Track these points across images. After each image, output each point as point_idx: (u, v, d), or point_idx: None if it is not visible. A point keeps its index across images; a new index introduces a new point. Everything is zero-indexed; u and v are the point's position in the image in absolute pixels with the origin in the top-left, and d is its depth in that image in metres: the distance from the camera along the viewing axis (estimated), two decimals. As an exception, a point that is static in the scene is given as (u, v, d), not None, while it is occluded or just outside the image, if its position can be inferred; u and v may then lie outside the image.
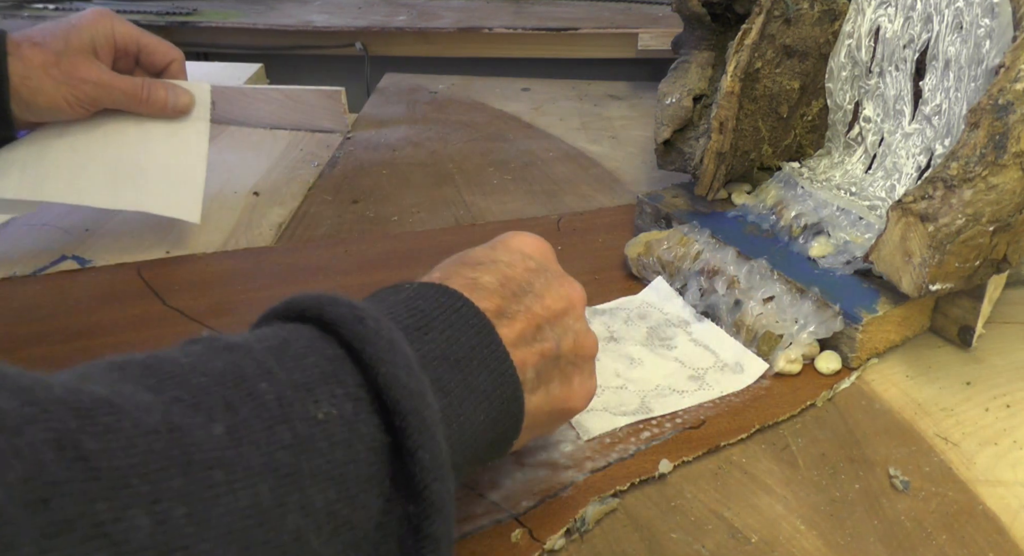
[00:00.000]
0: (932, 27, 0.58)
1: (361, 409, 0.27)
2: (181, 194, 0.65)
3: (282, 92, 0.91)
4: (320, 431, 0.26)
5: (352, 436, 0.27)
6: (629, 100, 1.03)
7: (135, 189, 0.65)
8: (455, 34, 1.12)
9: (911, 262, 0.48)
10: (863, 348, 0.51)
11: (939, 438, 0.47)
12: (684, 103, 0.65)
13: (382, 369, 0.28)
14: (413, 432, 0.27)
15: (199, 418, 0.24)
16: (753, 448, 0.46)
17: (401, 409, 0.27)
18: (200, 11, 1.20)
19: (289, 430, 0.25)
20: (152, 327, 0.56)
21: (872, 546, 0.40)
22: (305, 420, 0.26)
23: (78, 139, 0.65)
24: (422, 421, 0.27)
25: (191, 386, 0.25)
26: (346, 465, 0.26)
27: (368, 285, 0.62)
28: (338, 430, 0.26)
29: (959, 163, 0.47)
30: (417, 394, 0.28)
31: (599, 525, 0.41)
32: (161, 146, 0.66)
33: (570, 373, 0.38)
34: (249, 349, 0.27)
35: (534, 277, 0.38)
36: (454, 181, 0.80)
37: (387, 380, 0.27)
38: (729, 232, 0.60)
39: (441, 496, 0.27)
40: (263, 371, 0.26)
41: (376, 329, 0.28)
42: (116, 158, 0.65)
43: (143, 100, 0.65)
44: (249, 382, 0.26)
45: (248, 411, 0.25)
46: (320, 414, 0.26)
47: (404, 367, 0.28)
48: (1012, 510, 0.42)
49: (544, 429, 0.39)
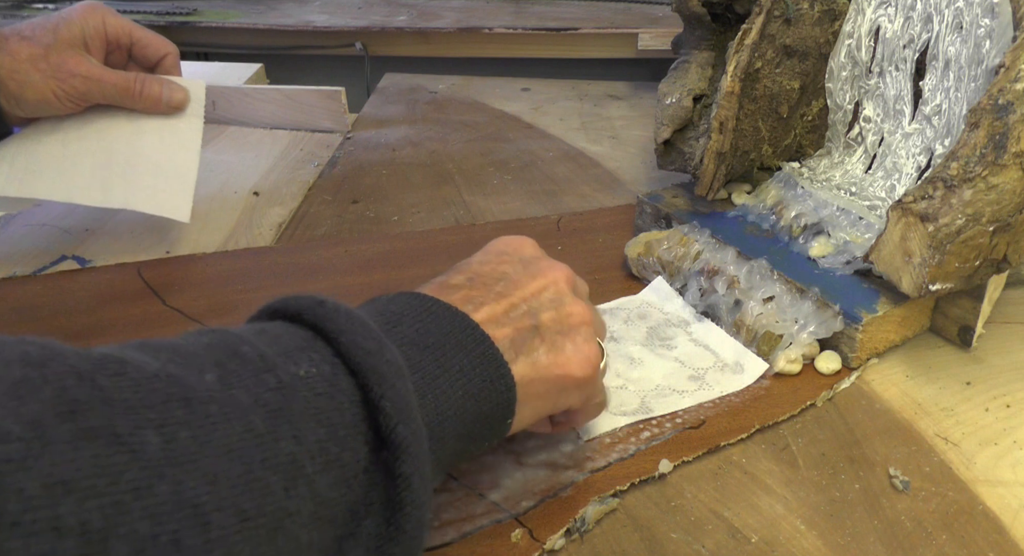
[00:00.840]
0: (932, 27, 0.58)
1: (338, 370, 0.30)
2: (172, 193, 0.64)
3: (282, 92, 0.91)
4: (303, 383, 0.29)
5: (333, 389, 0.29)
6: (629, 100, 1.03)
7: (126, 187, 0.63)
8: (455, 34, 1.12)
9: (911, 262, 0.48)
10: (863, 348, 0.51)
11: (939, 438, 0.47)
12: (684, 103, 0.65)
13: (343, 338, 0.30)
14: (374, 385, 0.30)
15: (192, 371, 0.27)
16: (753, 448, 0.46)
17: (362, 367, 0.30)
18: (200, 11, 1.20)
19: (274, 378, 0.28)
20: (152, 327, 0.56)
21: (872, 546, 0.40)
22: (288, 373, 0.29)
23: (69, 135, 0.64)
24: (380, 375, 0.30)
25: (182, 352, 0.28)
26: (330, 411, 0.29)
27: (368, 285, 0.62)
28: (319, 384, 0.29)
29: (959, 163, 0.47)
30: (375, 352, 0.30)
31: (599, 525, 0.41)
32: (154, 143, 0.65)
33: (559, 342, 0.39)
34: (230, 331, 0.31)
35: (507, 267, 0.40)
36: (454, 181, 0.80)
37: (348, 346, 0.30)
38: (729, 232, 0.60)
39: (406, 437, 0.29)
40: (245, 341, 0.29)
41: (335, 307, 0.32)
42: (108, 155, 0.64)
43: (136, 95, 0.64)
44: (233, 347, 0.29)
45: (235, 365, 0.28)
46: (301, 371, 0.29)
47: (362, 332, 0.31)
48: (1012, 510, 0.42)
49: (549, 401, 0.39)
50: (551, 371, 0.38)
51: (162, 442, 0.24)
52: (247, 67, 1.02)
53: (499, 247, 0.43)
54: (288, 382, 0.28)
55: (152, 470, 0.23)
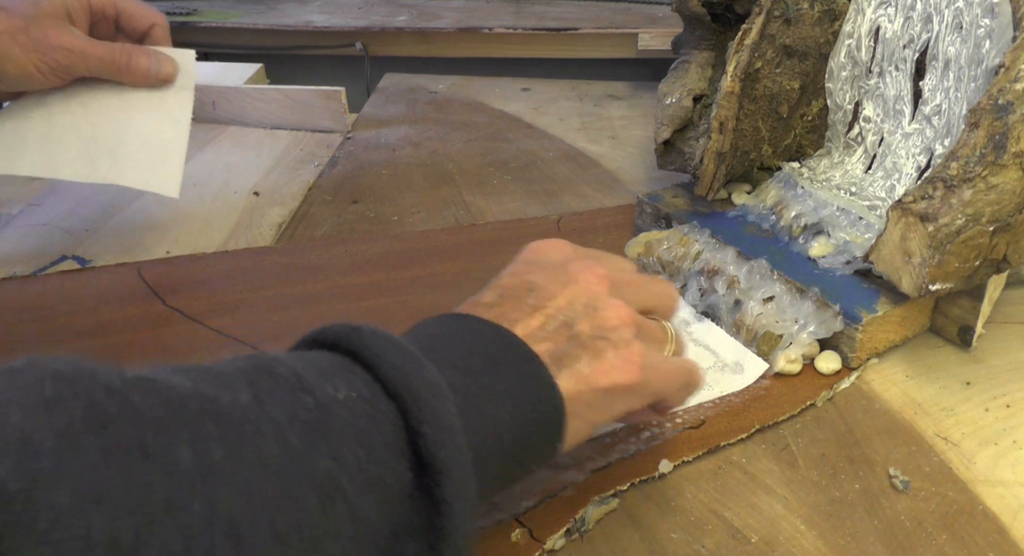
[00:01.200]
0: (932, 27, 0.58)
1: (376, 393, 0.29)
2: (161, 167, 0.62)
3: (282, 92, 0.91)
4: (340, 405, 0.28)
5: (373, 411, 0.29)
6: (629, 100, 1.03)
7: (113, 162, 0.61)
8: (455, 34, 1.12)
9: (911, 262, 0.48)
10: (863, 348, 0.51)
11: (939, 438, 0.47)
12: (684, 103, 0.65)
13: (380, 362, 0.30)
14: (413, 408, 0.29)
15: (225, 390, 0.26)
16: (753, 448, 0.46)
17: (400, 390, 0.29)
18: (200, 11, 1.20)
19: (311, 398, 0.27)
20: (152, 327, 0.56)
21: (872, 546, 0.40)
22: (325, 394, 0.28)
23: (55, 110, 0.62)
24: (420, 398, 0.29)
25: (215, 373, 0.27)
26: (370, 432, 0.28)
27: (368, 285, 0.62)
28: (358, 405, 0.28)
29: (959, 163, 0.47)
30: (413, 374, 0.29)
31: (599, 525, 0.41)
32: (142, 117, 0.63)
33: (600, 348, 0.37)
34: (265, 354, 0.30)
35: (535, 277, 0.39)
36: (454, 181, 0.80)
37: (386, 370, 0.29)
38: (729, 232, 0.60)
39: (447, 462, 0.28)
40: (281, 363, 0.29)
41: (371, 332, 0.31)
42: (94, 129, 0.62)
43: (122, 67, 0.61)
44: (268, 367, 0.28)
45: (270, 385, 0.27)
46: (340, 395, 0.28)
47: (399, 355, 0.30)
48: (1012, 510, 0.42)
49: (600, 412, 0.37)
50: (596, 382, 0.36)
51: (194, 458, 0.24)
52: (247, 67, 1.02)
53: (527, 256, 0.41)
54: (325, 402, 0.28)
55: (185, 486, 0.23)
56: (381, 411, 0.29)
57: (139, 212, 0.64)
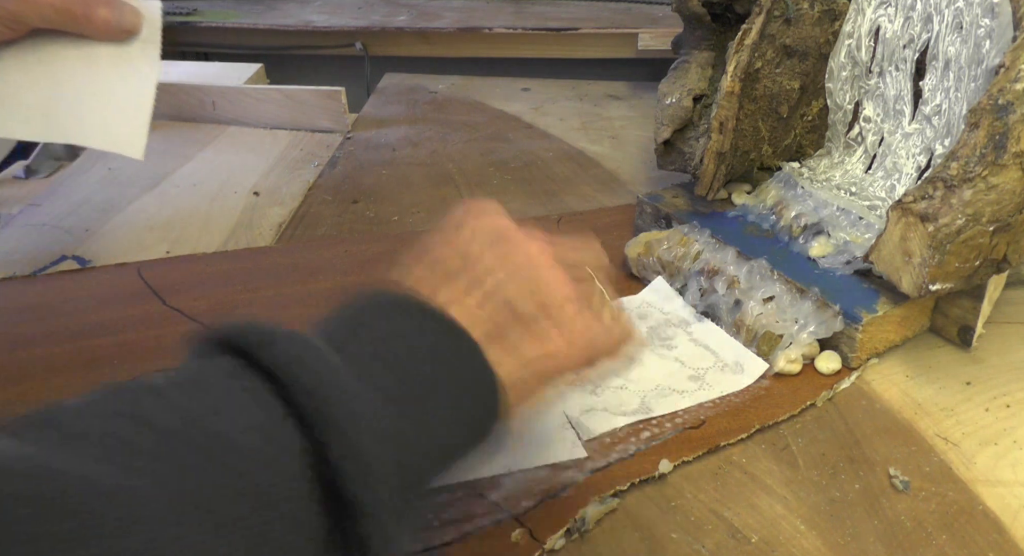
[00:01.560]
0: (932, 27, 0.58)
1: (275, 415, 0.27)
2: (125, 127, 0.58)
3: (282, 92, 0.91)
4: (236, 453, 0.25)
5: (277, 450, 0.26)
6: (629, 100, 1.03)
7: (73, 120, 0.57)
8: (455, 34, 1.12)
9: (911, 262, 0.48)
10: (863, 348, 0.51)
11: (939, 438, 0.47)
12: (684, 103, 0.65)
13: (296, 386, 0.27)
14: (334, 445, 0.26)
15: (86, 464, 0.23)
16: (753, 448, 0.46)
17: (307, 412, 0.27)
18: (200, 11, 1.20)
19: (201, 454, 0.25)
20: (152, 327, 0.56)
21: (872, 546, 0.40)
22: (219, 439, 0.25)
23: (9, 65, 0.57)
24: (339, 431, 0.26)
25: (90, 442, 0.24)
26: (274, 483, 0.26)
27: (368, 285, 0.62)
28: (258, 444, 0.26)
29: (959, 163, 0.47)
30: (334, 399, 0.27)
31: (599, 525, 0.41)
32: (104, 72, 0.58)
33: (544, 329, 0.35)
34: (142, 393, 0.27)
35: (473, 246, 0.36)
36: (454, 181, 0.80)
37: (301, 397, 0.27)
38: (729, 232, 0.60)
39: (362, 498, 0.26)
40: (159, 408, 0.26)
41: (287, 340, 0.29)
42: (53, 86, 0.58)
43: (80, 18, 0.55)
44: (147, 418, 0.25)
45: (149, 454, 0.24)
46: (236, 433, 0.26)
47: (315, 373, 0.28)
48: (1012, 510, 0.42)
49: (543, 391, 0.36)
50: (541, 366, 0.35)
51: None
52: (247, 67, 1.02)
53: (461, 219, 0.38)
54: (217, 452, 0.25)
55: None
56: (285, 448, 0.26)
57: (139, 212, 0.64)
